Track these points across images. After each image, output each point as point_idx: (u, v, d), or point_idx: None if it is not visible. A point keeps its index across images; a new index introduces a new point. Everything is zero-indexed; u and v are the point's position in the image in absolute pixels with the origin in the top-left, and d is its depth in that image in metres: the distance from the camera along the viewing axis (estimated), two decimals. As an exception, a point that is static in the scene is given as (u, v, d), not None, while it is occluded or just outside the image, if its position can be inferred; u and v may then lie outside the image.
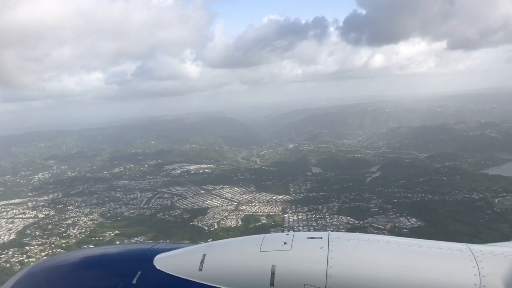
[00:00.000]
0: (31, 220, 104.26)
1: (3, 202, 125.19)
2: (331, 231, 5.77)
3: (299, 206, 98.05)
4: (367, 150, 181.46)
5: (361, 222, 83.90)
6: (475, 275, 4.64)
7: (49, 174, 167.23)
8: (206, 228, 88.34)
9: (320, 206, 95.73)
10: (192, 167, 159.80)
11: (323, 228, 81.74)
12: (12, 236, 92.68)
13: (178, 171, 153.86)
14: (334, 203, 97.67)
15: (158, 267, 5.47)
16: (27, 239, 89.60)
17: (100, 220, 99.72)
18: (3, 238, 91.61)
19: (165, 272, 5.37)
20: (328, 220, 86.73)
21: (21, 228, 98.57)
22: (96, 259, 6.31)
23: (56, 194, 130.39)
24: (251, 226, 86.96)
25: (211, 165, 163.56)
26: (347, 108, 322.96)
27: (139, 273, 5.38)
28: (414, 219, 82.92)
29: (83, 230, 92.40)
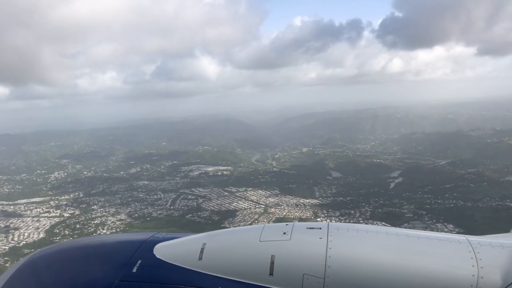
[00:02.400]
0: (57, 219, 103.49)
1: (24, 201, 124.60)
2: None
3: (330, 210, 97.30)
4: (383, 155, 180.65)
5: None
6: (473, 266, 4.63)
7: (65, 173, 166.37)
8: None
9: (352, 211, 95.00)
10: (210, 168, 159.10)
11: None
12: (42, 235, 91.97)
13: (196, 173, 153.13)
14: (366, 208, 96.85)
15: (158, 256, 5.44)
16: (58, 238, 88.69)
17: (128, 220, 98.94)
18: (33, 237, 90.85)
19: (165, 261, 5.33)
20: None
21: (48, 227, 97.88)
22: (96, 248, 6.23)
23: (77, 194, 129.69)
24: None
25: (229, 167, 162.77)
26: (357, 113, 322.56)
27: (139, 262, 5.35)
28: (451, 226, 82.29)
29: (114, 231, 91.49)
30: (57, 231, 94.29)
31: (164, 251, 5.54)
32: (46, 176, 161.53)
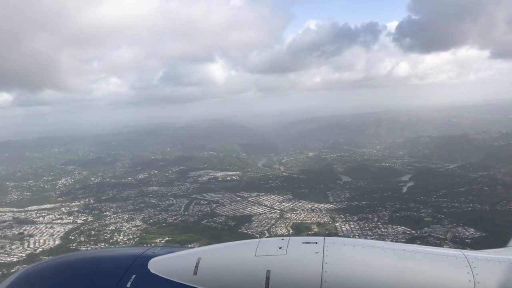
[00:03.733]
0: (70, 226, 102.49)
1: (34, 207, 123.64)
2: (327, 235, 5.81)
3: (347, 214, 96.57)
4: (391, 159, 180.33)
5: (418, 232, 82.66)
6: (469, 281, 4.64)
7: (72, 180, 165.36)
8: (258, 236, 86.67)
9: (369, 215, 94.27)
10: (219, 174, 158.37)
11: (382, 238, 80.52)
12: (57, 242, 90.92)
13: (205, 178, 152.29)
14: (384, 212, 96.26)
15: (152, 271, 5.41)
16: (74, 245, 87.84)
17: (144, 226, 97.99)
18: (49, 244, 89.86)
19: (159, 276, 5.30)
20: (383, 230, 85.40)
21: (63, 233, 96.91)
22: (90, 262, 6.22)
23: (87, 200, 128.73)
24: (304, 235, 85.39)
25: (237, 172, 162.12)
26: (360, 117, 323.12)
27: (133, 276, 5.31)
28: (472, 229, 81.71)
29: (130, 237, 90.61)
30: (72, 237, 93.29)
31: (158, 265, 5.50)
32: (53, 182, 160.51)
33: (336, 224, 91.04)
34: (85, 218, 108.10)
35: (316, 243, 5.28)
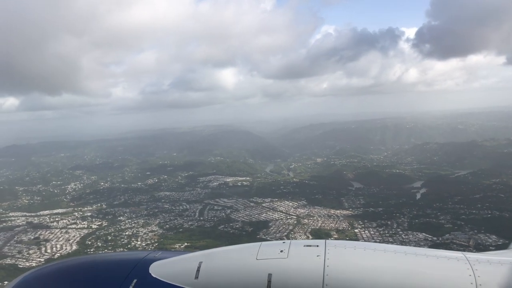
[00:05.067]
0: (85, 231, 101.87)
1: (47, 212, 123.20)
2: (328, 239, 5.67)
3: (365, 221, 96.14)
4: (400, 165, 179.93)
5: (439, 239, 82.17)
6: (471, 283, 4.62)
7: (81, 184, 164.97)
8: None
9: (388, 222, 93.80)
10: (228, 179, 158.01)
11: (404, 245, 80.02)
12: (74, 247, 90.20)
13: (215, 183, 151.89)
14: (402, 218, 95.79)
15: (154, 275, 5.42)
16: (92, 250, 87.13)
17: (160, 231, 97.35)
18: (66, 249, 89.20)
19: (161, 280, 5.31)
20: (403, 236, 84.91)
21: (79, 238, 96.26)
22: (92, 267, 6.22)
23: (99, 205, 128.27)
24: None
25: (247, 178, 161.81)
26: (365, 123, 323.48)
27: (134, 281, 5.32)
28: (494, 236, 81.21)
29: (148, 242, 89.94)
30: (89, 242, 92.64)
31: (160, 270, 5.52)
32: (62, 187, 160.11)
33: (356, 230, 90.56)
34: (99, 223, 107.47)
35: (318, 246, 5.28)
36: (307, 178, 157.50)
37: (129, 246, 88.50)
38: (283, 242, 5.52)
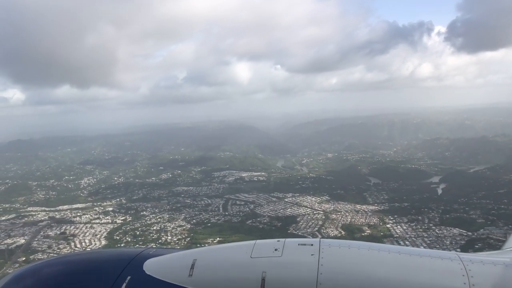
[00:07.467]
0: (110, 226, 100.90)
1: (66, 207, 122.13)
2: (322, 237, 5.77)
3: (395, 216, 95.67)
4: (414, 161, 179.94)
5: (475, 234, 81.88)
6: (464, 283, 4.62)
7: (95, 179, 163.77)
8: (311, 237, 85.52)
9: (419, 217, 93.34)
10: (244, 174, 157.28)
11: (440, 240, 79.82)
12: (103, 242, 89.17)
13: (231, 178, 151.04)
14: (432, 213, 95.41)
15: (148, 272, 5.36)
16: (122, 245, 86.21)
17: (188, 226, 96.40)
18: (95, 244, 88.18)
19: (155, 278, 5.24)
20: (437, 231, 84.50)
21: (105, 233, 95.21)
22: (85, 263, 6.12)
23: (118, 200, 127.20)
24: (357, 237, 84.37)
25: (262, 173, 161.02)
26: (371, 119, 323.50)
27: (128, 278, 5.25)
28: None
29: (180, 237, 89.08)
30: (117, 237, 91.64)
31: (154, 267, 5.45)
32: (76, 182, 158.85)
33: (388, 225, 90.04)
34: (123, 218, 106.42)
35: (312, 245, 5.29)
36: (323, 173, 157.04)
37: (159, 241, 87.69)
38: (278, 241, 5.47)
